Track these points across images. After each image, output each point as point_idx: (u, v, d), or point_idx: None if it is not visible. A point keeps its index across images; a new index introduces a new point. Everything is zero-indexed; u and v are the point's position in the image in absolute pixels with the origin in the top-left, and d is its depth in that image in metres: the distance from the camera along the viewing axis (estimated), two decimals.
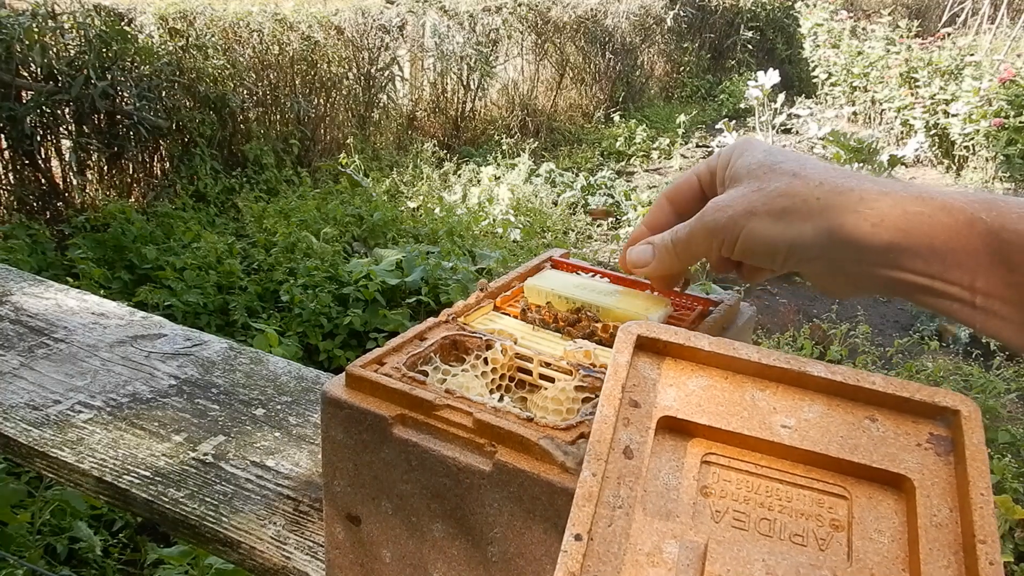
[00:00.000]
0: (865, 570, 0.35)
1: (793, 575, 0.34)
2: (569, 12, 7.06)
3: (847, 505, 0.37)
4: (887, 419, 0.40)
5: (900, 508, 0.37)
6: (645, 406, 0.39)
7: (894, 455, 0.38)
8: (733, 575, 0.34)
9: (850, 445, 0.38)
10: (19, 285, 0.92)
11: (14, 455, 0.66)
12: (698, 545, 0.35)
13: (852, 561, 0.35)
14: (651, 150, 6.75)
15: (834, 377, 0.40)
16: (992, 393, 2.79)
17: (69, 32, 3.83)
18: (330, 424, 0.46)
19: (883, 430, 0.39)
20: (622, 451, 0.37)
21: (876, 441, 0.39)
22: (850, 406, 0.40)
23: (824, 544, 0.36)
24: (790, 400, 0.41)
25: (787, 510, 0.37)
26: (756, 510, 0.37)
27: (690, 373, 0.41)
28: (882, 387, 0.40)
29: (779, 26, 9.84)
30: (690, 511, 0.36)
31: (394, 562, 0.47)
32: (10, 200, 3.91)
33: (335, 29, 5.30)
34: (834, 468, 0.38)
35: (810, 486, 0.38)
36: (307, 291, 3.23)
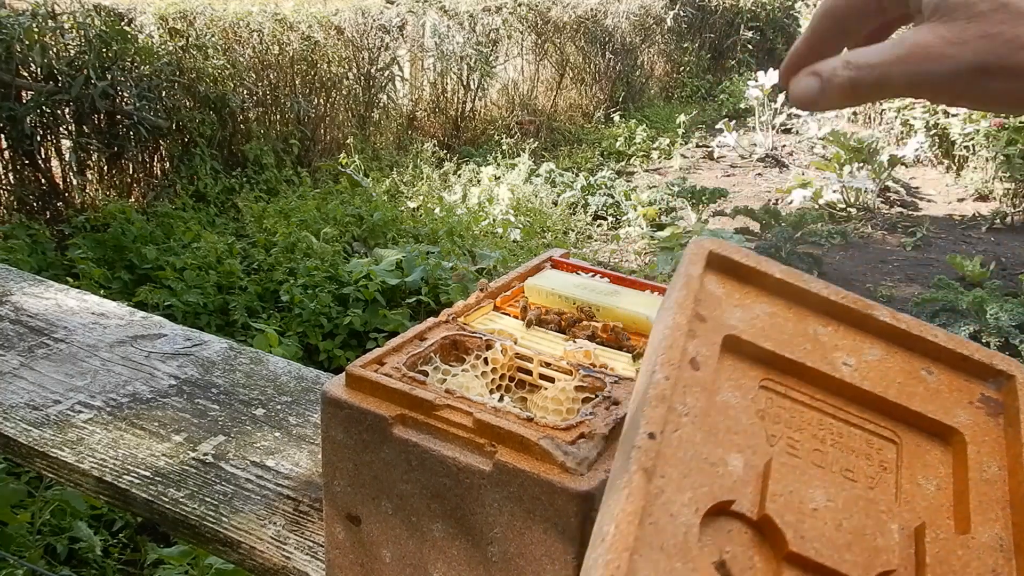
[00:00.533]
0: (913, 512, 0.36)
1: (852, 505, 0.34)
2: (569, 12, 7.06)
3: (896, 449, 0.38)
4: (943, 373, 0.40)
5: (947, 460, 0.38)
6: (711, 321, 0.39)
7: (947, 408, 0.39)
8: (795, 496, 0.34)
9: (907, 392, 0.39)
10: (19, 285, 0.92)
11: (14, 455, 0.66)
12: (760, 462, 0.35)
13: (900, 502, 0.36)
14: (651, 150, 6.75)
15: (898, 324, 0.41)
16: None
17: (69, 32, 3.83)
18: (330, 424, 0.46)
19: (938, 383, 0.40)
20: (689, 361, 0.37)
21: (931, 392, 0.39)
22: (908, 355, 0.41)
23: (873, 483, 0.36)
24: (852, 340, 0.41)
25: (839, 445, 0.37)
26: (809, 440, 0.37)
27: (756, 298, 0.41)
28: (943, 341, 0.40)
29: (779, 26, 9.84)
30: (749, 430, 0.36)
31: (394, 562, 0.47)
32: (10, 200, 3.91)
33: (335, 29, 5.30)
34: (887, 412, 0.39)
35: (862, 426, 0.38)
36: (307, 291, 3.23)
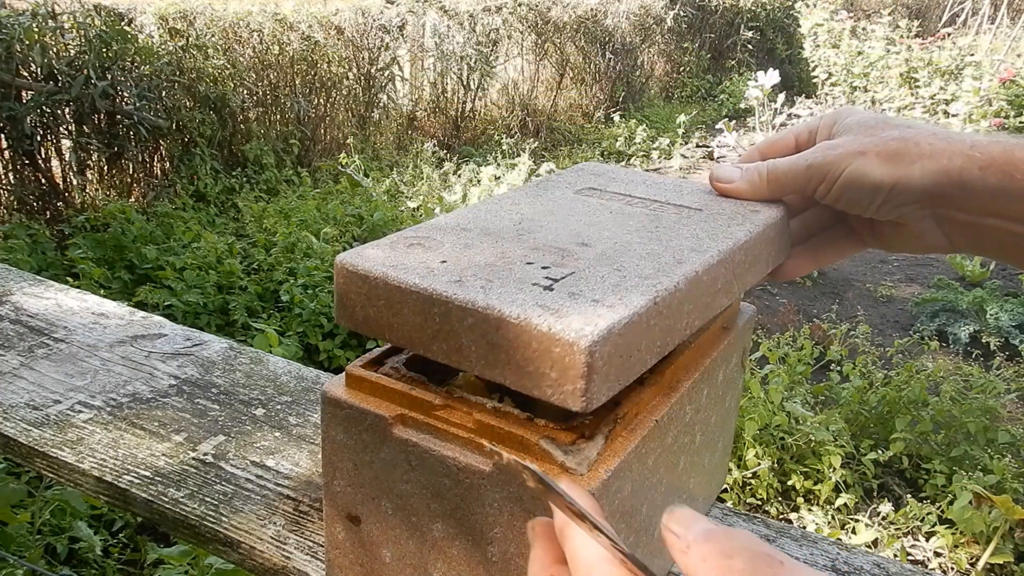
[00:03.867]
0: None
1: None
2: (569, 12, 7.06)
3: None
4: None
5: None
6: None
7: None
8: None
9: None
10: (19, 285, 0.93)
11: (14, 455, 0.66)
12: None
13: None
14: (651, 150, 6.75)
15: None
16: (992, 393, 2.78)
17: (69, 32, 3.83)
18: (330, 424, 0.46)
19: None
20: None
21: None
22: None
23: None
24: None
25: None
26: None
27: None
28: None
29: (779, 26, 9.84)
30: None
31: (394, 562, 0.47)
32: (10, 200, 3.91)
33: (335, 29, 5.30)
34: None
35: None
36: (307, 291, 3.23)
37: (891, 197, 0.49)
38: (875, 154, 0.49)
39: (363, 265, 0.44)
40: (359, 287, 0.44)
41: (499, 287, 0.41)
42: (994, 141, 0.47)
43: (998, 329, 3.57)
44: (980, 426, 2.56)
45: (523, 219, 0.51)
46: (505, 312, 0.39)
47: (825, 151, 0.51)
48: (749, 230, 0.50)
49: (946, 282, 4.05)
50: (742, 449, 2.47)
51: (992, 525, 2.12)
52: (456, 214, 0.52)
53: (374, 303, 0.44)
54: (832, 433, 2.51)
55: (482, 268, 0.43)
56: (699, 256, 0.46)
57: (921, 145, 0.48)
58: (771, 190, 0.54)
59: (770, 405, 2.59)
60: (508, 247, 0.47)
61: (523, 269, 0.43)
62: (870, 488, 2.54)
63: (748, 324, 0.60)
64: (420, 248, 0.46)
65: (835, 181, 0.50)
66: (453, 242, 0.47)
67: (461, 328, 0.41)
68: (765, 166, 0.54)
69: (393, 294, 0.43)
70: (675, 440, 0.48)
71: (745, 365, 0.62)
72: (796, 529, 0.61)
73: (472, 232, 0.49)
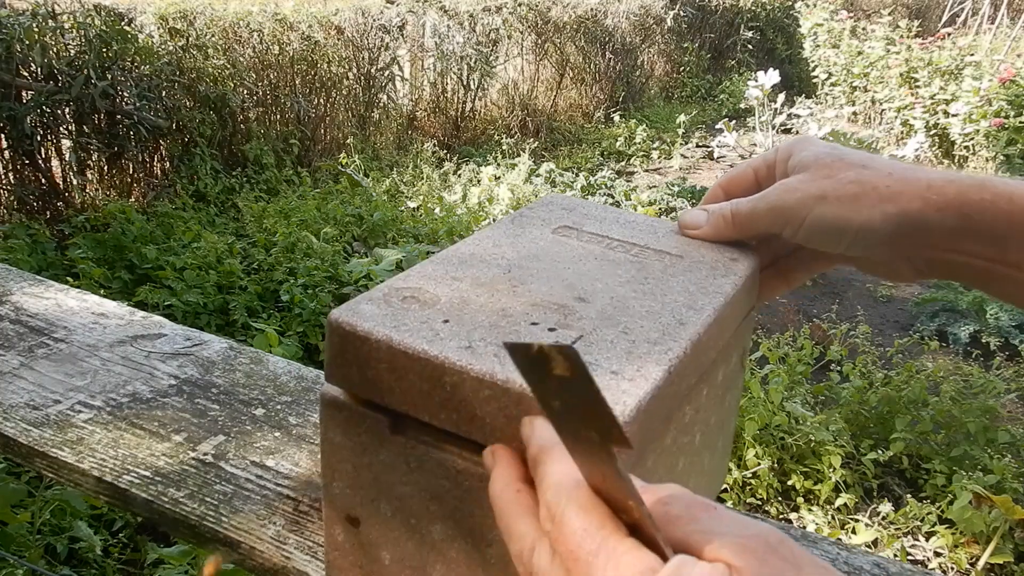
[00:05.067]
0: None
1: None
2: (569, 12, 7.06)
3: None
4: None
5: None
6: None
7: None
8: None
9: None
10: (19, 285, 0.93)
11: (14, 455, 0.66)
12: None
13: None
14: (651, 150, 6.75)
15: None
16: (992, 393, 2.78)
17: (69, 32, 3.83)
18: (329, 426, 0.46)
19: None
20: None
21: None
22: None
23: None
24: None
25: None
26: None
27: None
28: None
29: (779, 26, 9.84)
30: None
31: (393, 564, 0.47)
32: (10, 200, 3.91)
33: (335, 29, 5.30)
34: None
35: None
36: (307, 291, 3.23)
37: (857, 239, 0.50)
38: (835, 198, 0.50)
39: (362, 325, 0.42)
40: (357, 348, 0.42)
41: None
42: (949, 181, 0.48)
43: (998, 329, 3.57)
44: (980, 426, 2.56)
45: (511, 266, 0.51)
46: (527, 387, 0.37)
47: (783, 194, 0.52)
48: (734, 283, 0.51)
49: (946, 282, 4.05)
50: (742, 449, 2.47)
51: (992, 525, 2.12)
52: (441, 259, 0.51)
53: (374, 366, 0.42)
54: (832, 433, 2.51)
55: (488, 330, 0.42)
56: (697, 316, 0.46)
57: (879, 188, 0.49)
58: (737, 232, 0.55)
59: (770, 405, 2.59)
60: (506, 302, 0.46)
61: (530, 331, 0.43)
62: (870, 488, 2.54)
63: (748, 324, 0.60)
64: (416, 303, 0.45)
65: (800, 226, 0.51)
66: (448, 296, 0.46)
67: (476, 400, 0.39)
68: (729, 210, 0.55)
69: (398, 359, 0.41)
70: (674, 440, 0.48)
71: (745, 365, 0.62)
72: (796, 529, 0.61)
73: (464, 283, 0.48)
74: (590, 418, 0.27)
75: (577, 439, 0.29)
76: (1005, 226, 0.47)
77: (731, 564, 0.27)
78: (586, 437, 0.28)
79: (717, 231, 0.56)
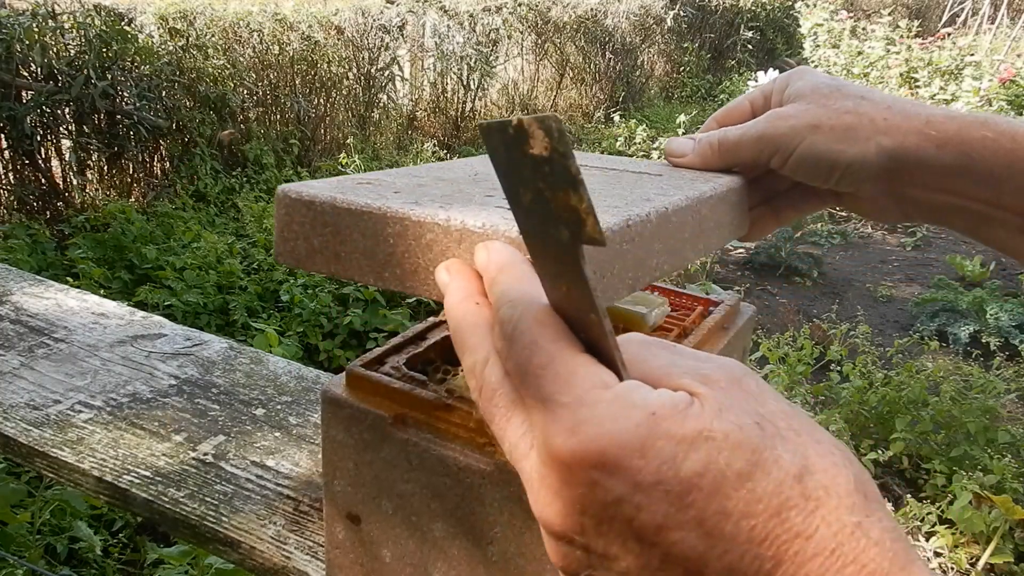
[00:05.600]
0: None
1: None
2: (569, 12, 7.06)
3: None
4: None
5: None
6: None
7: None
8: None
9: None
10: (19, 285, 0.92)
11: (14, 455, 0.66)
12: None
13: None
14: (651, 150, 6.75)
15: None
16: (992, 393, 2.78)
17: (69, 32, 3.83)
18: (330, 424, 0.46)
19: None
20: None
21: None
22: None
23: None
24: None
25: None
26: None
27: None
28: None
29: (779, 26, 9.84)
30: None
31: (394, 562, 0.47)
32: (10, 200, 3.91)
33: (335, 29, 5.29)
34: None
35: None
36: (307, 291, 3.23)
37: (847, 173, 0.49)
38: (829, 128, 0.48)
39: (308, 192, 0.42)
40: (303, 215, 0.42)
41: (460, 207, 0.39)
42: (950, 117, 0.46)
43: (998, 329, 3.57)
44: (980, 426, 2.56)
45: (477, 172, 0.50)
46: (468, 223, 0.37)
47: (776, 121, 0.50)
48: (713, 187, 0.50)
49: (946, 282, 4.05)
50: None
51: (992, 525, 2.12)
52: (407, 169, 0.51)
53: (319, 231, 0.41)
54: (832, 433, 2.51)
55: (438, 197, 0.41)
56: (666, 199, 0.45)
57: (876, 121, 0.47)
58: (723, 160, 0.54)
59: None
60: (465, 187, 0.45)
61: (483, 200, 0.42)
62: None
63: (748, 324, 0.60)
64: (370, 186, 0.44)
65: (789, 155, 0.50)
66: (406, 183, 0.45)
67: (419, 247, 0.38)
68: (716, 137, 0.53)
69: (342, 218, 0.40)
70: None
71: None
72: None
73: (425, 178, 0.47)
74: (562, 209, 0.25)
75: (545, 240, 0.27)
76: (1005, 166, 0.45)
77: (693, 391, 0.26)
78: (554, 238, 0.26)
79: (703, 159, 0.54)
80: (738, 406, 0.25)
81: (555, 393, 0.26)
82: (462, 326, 0.31)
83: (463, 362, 0.31)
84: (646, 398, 0.25)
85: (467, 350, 0.31)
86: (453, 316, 0.32)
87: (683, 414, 0.25)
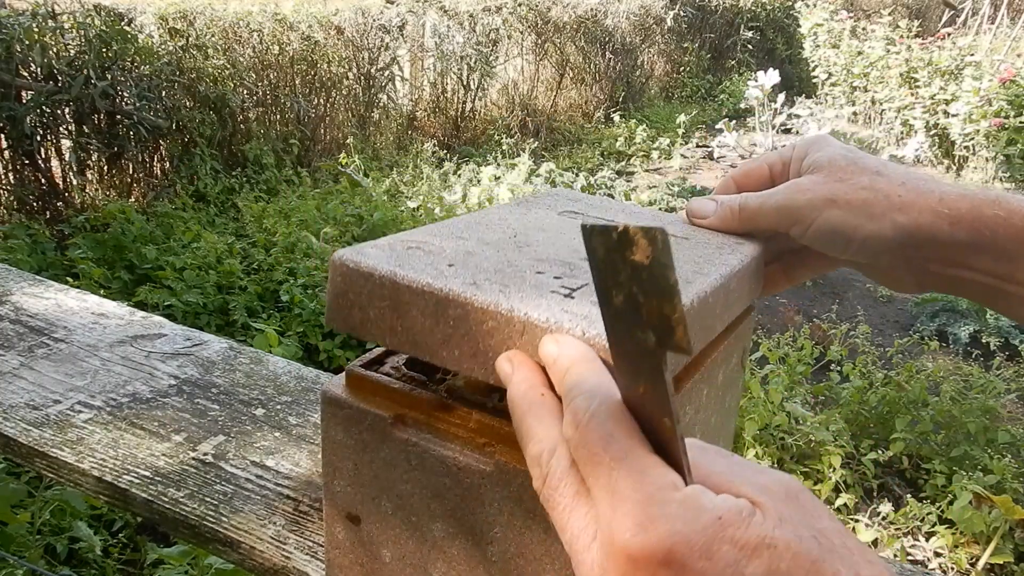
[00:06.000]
0: None
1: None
2: (569, 12, 7.06)
3: None
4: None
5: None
6: None
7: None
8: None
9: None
10: (19, 285, 0.92)
11: (14, 455, 0.66)
12: None
13: None
14: (651, 150, 6.75)
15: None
16: (992, 393, 2.78)
17: (69, 32, 3.83)
18: (330, 424, 0.46)
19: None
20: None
21: None
22: None
23: None
24: None
25: None
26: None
27: None
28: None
29: (779, 26, 9.84)
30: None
31: (394, 562, 0.47)
32: (10, 200, 3.91)
33: (335, 29, 5.30)
34: None
35: None
36: (307, 291, 3.23)
37: (864, 247, 0.50)
38: (845, 203, 0.49)
39: (366, 263, 0.42)
40: (360, 286, 0.42)
41: (517, 292, 0.40)
42: (962, 195, 0.48)
43: (998, 329, 3.57)
44: (980, 426, 2.56)
45: (516, 233, 0.51)
46: (532, 316, 0.37)
47: (794, 193, 0.52)
48: (740, 259, 0.51)
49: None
50: (742, 449, 2.47)
51: (992, 525, 2.12)
52: (447, 223, 0.51)
53: (376, 304, 0.42)
54: (832, 433, 2.51)
55: (493, 274, 0.42)
56: (704, 278, 0.45)
57: (891, 198, 0.49)
58: (743, 226, 0.55)
59: (770, 405, 2.59)
60: (512, 256, 0.45)
61: (536, 278, 0.42)
62: (870, 488, 2.54)
63: (748, 324, 0.60)
64: (421, 252, 0.44)
65: (808, 227, 0.51)
66: (453, 248, 0.46)
67: (479, 333, 0.39)
68: (738, 203, 0.55)
69: (402, 294, 0.41)
70: None
71: (745, 365, 0.62)
72: None
73: (469, 241, 0.48)
74: (652, 315, 0.26)
75: (629, 342, 0.27)
76: (1017, 244, 0.46)
77: (754, 500, 0.27)
78: (641, 339, 0.27)
79: (724, 222, 0.55)
80: (796, 519, 0.27)
81: (627, 488, 0.27)
82: (528, 416, 0.32)
83: (527, 451, 0.32)
84: (713, 502, 0.26)
85: (533, 439, 0.32)
86: (518, 405, 0.33)
87: (747, 522, 0.26)
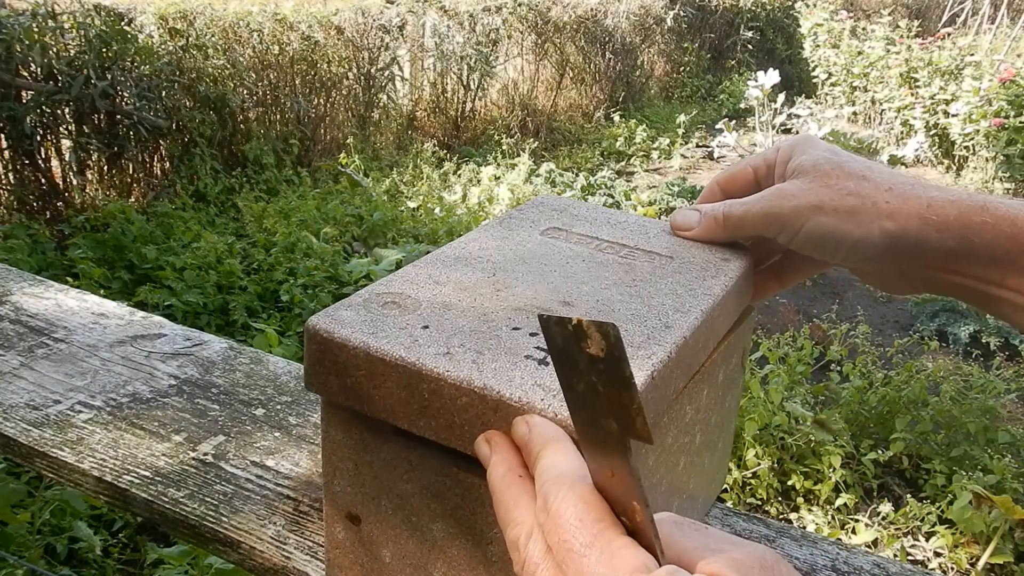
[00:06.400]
0: None
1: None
2: (569, 12, 7.06)
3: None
4: None
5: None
6: None
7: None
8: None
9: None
10: (19, 285, 0.92)
11: (14, 455, 0.66)
12: None
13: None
14: (651, 150, 6.75)
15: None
16: (992, 393, 2.78)
17: (69, 32, 3.83)
18: (330, 423, 0.46)
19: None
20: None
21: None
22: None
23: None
24: None
25: None
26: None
27: None
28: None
29: (779, 26, 9.83)
30: None
31: (394, 562, 0.47)
32: (10, 200, 3.91)
33: (335, 29, 5.30)
34: None
35: None
36: (307, 291, 3.23)
37: (853, 251, 0.50)
38: (832, 209, 0.49)
39: (340, 332, 0.42)
40: (335, 355, 0.42)
41: (491, 361, 0.40)
42: (950, 201, 0.48)
43: (998, 329, 3.57)
44: (980, 426, 2.56)
45: (496, 268, 0.50)
46: (505, 394, 0.37)
47: (779, 200, 0.51)
48: (724, 284, 0.50)
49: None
50: (742, 449, 2.47)
51: (992, 525, 2.12)
52: (425, 263, 0.51)
53: (352, 374, 0.42)
54: (832, 433, 2.51)
55: (468, 335, 0.42)
56: (684, 318, 0.45)
57: (878, 203, 0.48)
58: (728, 235, 0.55)
59: (770, 405, 2.59)
60: (488, 305, 0.45)
61: (511, 337, 0.42)
62: (870, 488, 2.54)
63: (748, 324, 0.60)
64: (396, 308, 0.44)
65: (795, 234, 0.51)
66: (430, 300, 0.46)
67: (454, 407, 0.39)
68: (722, 213, 0.55)
69: (376, 366, 0.41)
70: (675, 440, 0.48)
71: (745, 365, 0.62)
72: (796, 529, 0.61)
73: (446, 287, 0.47)
74: (613, 404, 0.27)
75: (593, 427, 0.28)
76: (1005, 251, 0.46)
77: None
78: (604, 426, 0.27)
79: (709, 233, 0.55)
80: None
81: (598, 573, 0.27)
82: (506, 500, 0.33)
83: (506, 534, 0.32)
84: None
85: (511, 523, 0.32)
86: (497, 489, 0.34)
87: None
